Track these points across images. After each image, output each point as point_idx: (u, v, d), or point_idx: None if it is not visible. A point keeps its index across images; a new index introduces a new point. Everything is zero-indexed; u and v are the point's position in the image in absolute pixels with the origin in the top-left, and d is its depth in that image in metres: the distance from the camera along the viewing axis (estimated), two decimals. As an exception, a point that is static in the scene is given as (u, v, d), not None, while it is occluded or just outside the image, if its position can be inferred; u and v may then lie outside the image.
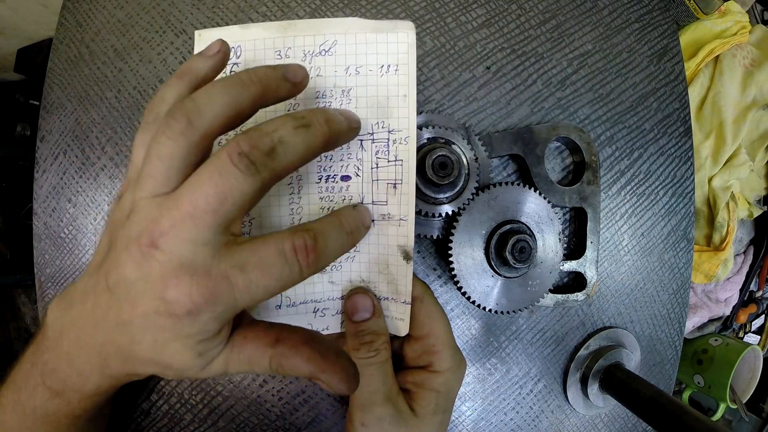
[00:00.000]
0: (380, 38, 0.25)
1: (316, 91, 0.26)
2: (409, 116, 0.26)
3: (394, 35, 0.25)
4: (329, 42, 0.25)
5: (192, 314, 0.18)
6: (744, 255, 0.73)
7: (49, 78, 0.37)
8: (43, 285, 0.36)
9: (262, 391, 0.34)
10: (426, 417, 0.26)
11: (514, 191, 0.32)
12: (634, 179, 0.39)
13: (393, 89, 0.26)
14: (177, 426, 0.34)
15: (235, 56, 0.26)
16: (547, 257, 0.33)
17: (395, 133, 0.26)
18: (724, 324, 0.76)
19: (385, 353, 0.26)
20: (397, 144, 0.26)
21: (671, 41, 0.41)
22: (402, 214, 0.26)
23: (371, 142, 0.26)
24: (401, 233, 0.26)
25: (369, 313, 0.27)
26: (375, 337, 0.26)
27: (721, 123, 0.61)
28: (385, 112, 0.26)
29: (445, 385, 0.27)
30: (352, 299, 0.27)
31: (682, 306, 0.42)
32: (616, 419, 0.41)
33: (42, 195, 0.36)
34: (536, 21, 0.37)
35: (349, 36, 0.25)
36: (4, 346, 1.20)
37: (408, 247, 0.26)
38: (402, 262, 0.27)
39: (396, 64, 0.25)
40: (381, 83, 0.26)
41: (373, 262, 0.28)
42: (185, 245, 0.18)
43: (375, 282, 0.28)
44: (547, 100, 0.37)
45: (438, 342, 0.27)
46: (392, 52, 0.25)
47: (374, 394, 0.26)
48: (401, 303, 0.27)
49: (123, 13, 0.36)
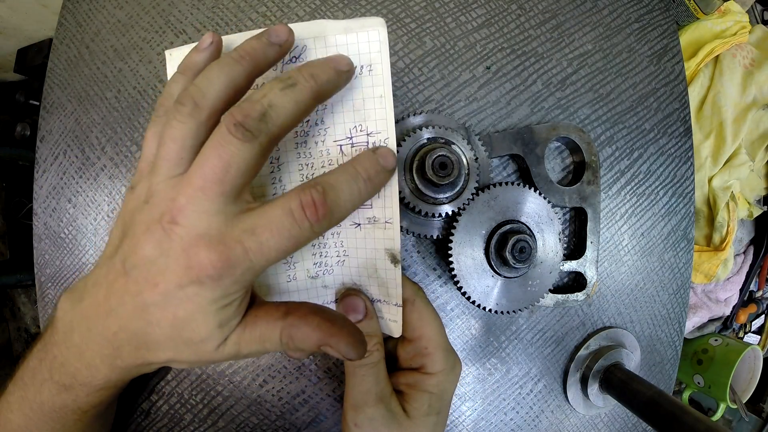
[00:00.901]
0: (350, 39, 0.24)
1: None
2: (386, 117, 0.25)
3: (365, 34, 0.24)
4: (299, 48, 0.25)
5: (214, 278, 0.19)
6: (744, 255, 0.73)
7: (49, 78, 0.37)
8: (43, 285, 0.36)
9: (262, 391, 0.34)
10: (419, 418, 0.26)
11: (514, 191, 0.32)
12: (634, 179, 0.39)
13: (368, 90, 0.25)
14: (177, 426, 0.34)
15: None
16: (547, 257, 0.33)
17: (374, 136, 0.25)
18: (724, 324, 0.76)
19: (377, 354, 0.26)
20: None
21: (671, 41, 0.41)
22: (387, 217, 0.26)
23: (350, 146, 0.26)
24: (387, 236, 0.26)
25: (361, 314, 0.27)
26: (367, 338, 0.26)
27: (721, 123, 0.61)
28: (362, 115, 0.25)
29: (438, 386, 0.27)
30: (345, 301, 0.27)
31: (682, 306, 0.42)
32: (616, 419, 0.41)
33: (42, 195, 0.36)
34: (536, 21, 0.37)
35: (318, 41, 0.24)
36: (4, 346, 1.20)
37: (395, 251, 0.26)
38: (390, 266, 0.26)
39: (369, 64, 0.25)
40: (355, 86, 0.25)
41: (362, 266, 0.27)
42: (200, 216, 0.19)
43: (366, 285, 0.28)
44: (547, 100, 0.37)
45: (430, 344, 0.27)
46: (364, 52, 0.24)
47: (366, 395, 0.26)
48: (393, 305, 0.27)
49: (123, 13, 0.36)
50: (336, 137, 0.26)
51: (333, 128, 0.26)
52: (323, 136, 0.26)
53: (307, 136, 0.26)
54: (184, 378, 0.34)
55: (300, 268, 0.28)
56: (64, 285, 0.36)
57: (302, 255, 0.28)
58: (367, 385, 0.26)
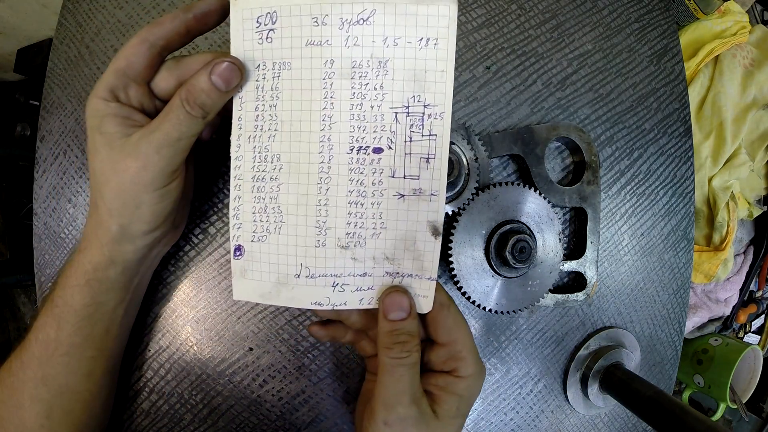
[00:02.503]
0: (420, 10, 0.25)
1: (353, 61, 0.26)
2: (445, 92, 0.25)
3: (435, 8, 0.25)
4: (368, 11, 0.25)
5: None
6: (744, 255, 0.73)
7: (49, 78, 0.37)
8: (43, 285, 0.36)
9: (262, 391, 0.34)
10: (447, 420, 0.27)
11: (514, 191, 0.32)
12: (634, 179, 0.39)
13: (431, 63, 0.25)
14: (177, 426, 0.34)
15: (270, 22, 0.26)
16: (547, 257, 0.33)
17: (431, 108, 0.26)
18: (724, 324, 0.76)
19: (416, 355, 0.26)
20: (432, 119, 0.26)
21: (671, 41, 0.41)
22: (433, 189, 0.26)
23: (406, 116, 0.26)
24: (432, 209, 0.26)
25: (405, 313, 0.27)
26: (409, 338, 0.26)
27: (721, 123, 0.61)
28: (422, 86, 0.25)
29: (468, 390, 0.27)
30: (390, 296, 0.27)
31: (682, 306, 0.42)
32: (616, 419, 0.41)
33: (42, 195, 0.36)
34: (536, 21, 0.37)
35: (388, 6, 0.25)
36: (4, 346, 1.20)
37: (438, 223, 0.26)
38: (430, 238, 0.27)
39: (435, 37, 0.25)
40: (419, 56, 0.25)
41: (399, 239, 0.27)
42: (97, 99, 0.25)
43: (400, 259, 0.28)
44: (547, 100, 0.37)
45: (464, 348, 0.27)
46: (432, 26, 0.25)
47: (401, 395, 0.26)
48: (426, 279, 0.27)
49: (123, 13, 0.36)
50: (393, 104, 0.26)
51: (391, 95, 0.26)
52: (380, 101, 0.26)
53: (363, 99, 0.26)
54: (184, 378, 0.34)
55: (331, 235, 0.27)
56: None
57: (336, 221, 0.27)
58: (402, 385, 0.26)
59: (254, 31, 0.26)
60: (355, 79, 0.26)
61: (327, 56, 0.25)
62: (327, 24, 0.25)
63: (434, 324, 0.27)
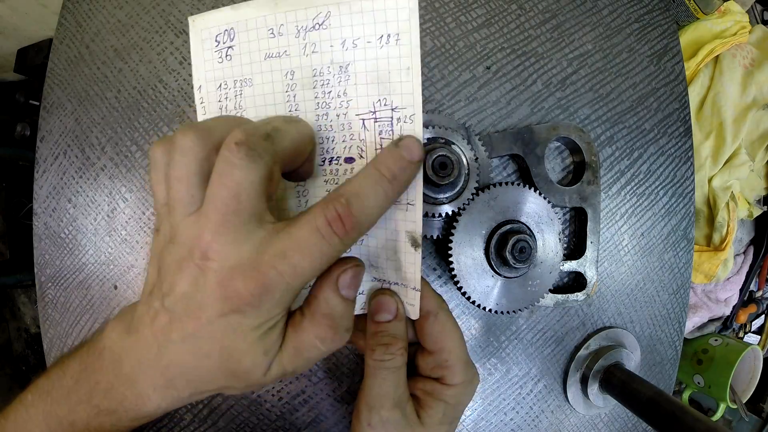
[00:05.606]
0: (377, 5, 0.23)
1: (313, 69, 0.24)
2: (413, 91, 0.23)
3: (393, 1, 0.23)
4: (322, 14, 0.23)
5: (253, 305, 0.20)
6: (744, 255, 0.73)
7: (49, 78, 0.37)
8: (43, 285, 0.36)
9: (262, 391, 0.34)
10: (432, 426, 0.26)
11: (514, 191, 0.32)
12: (634, 179, 0.39)
13: (394, 62, 0.23)
14: (177, 426, 0.34)
15: (229, 39, 0.25)
16: (547, 257, 0.33)
17: (399, 111, 0.24)
18: (724, 324, 0.76)
19: (400, 359, 0.26)
20: (401, 123, 0.24)
21: (671, 41, 0.41)
22: (409, 199, 0.25)
23: (374, 122, 0.24)
24: (409, 218, 0.25)
25: (392, 315, 0.27)
26: (393, 340, 0.26)
27: (721, 123, 0.61)
28: (387, 88, 0.24)
29: (455, 398, 0.27)
30: (377, 299, 0.27)
31: (682, 306, 0.42)
32: (616, 419, 0.41)
33: (42, 195, 0.36)
34: (536, 21, 0.37)
35: (343, 6, 0.23)
36: (4, 346, 1.20)
37: (416, 234, 0.25)
38: (410, 249, 0.25)
39: (396, 32, 0.23)
40: (381, 56, 0.23)
41: (381, 248, 0.26)
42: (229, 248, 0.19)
43: (383, 268, 0.27)
44: (547, 100, 0.37)
45: (451, 357, 0.27)
46: (391, 20, 0.23)
47: (384, 398, 0.26)
48: (411, 289, 0.27)
49: (123, 13, 0.36)
50: (359, 110, 0.24)
51: (356, 101, 0.24)
52: (345, 109, 0.25)
53: (328, 108, 0.25)
54: (184, 378, 0.34)
55: None
56: (64, 285, 0.36)
57: None
58: (386, 388, 0.26)
59: (213, 51, 0.25)
60: (317, 88, 0.24)
61: (287, 67, 0.24)
62: (283, 34, 0.24)
63: (421, 331, 0.27)
